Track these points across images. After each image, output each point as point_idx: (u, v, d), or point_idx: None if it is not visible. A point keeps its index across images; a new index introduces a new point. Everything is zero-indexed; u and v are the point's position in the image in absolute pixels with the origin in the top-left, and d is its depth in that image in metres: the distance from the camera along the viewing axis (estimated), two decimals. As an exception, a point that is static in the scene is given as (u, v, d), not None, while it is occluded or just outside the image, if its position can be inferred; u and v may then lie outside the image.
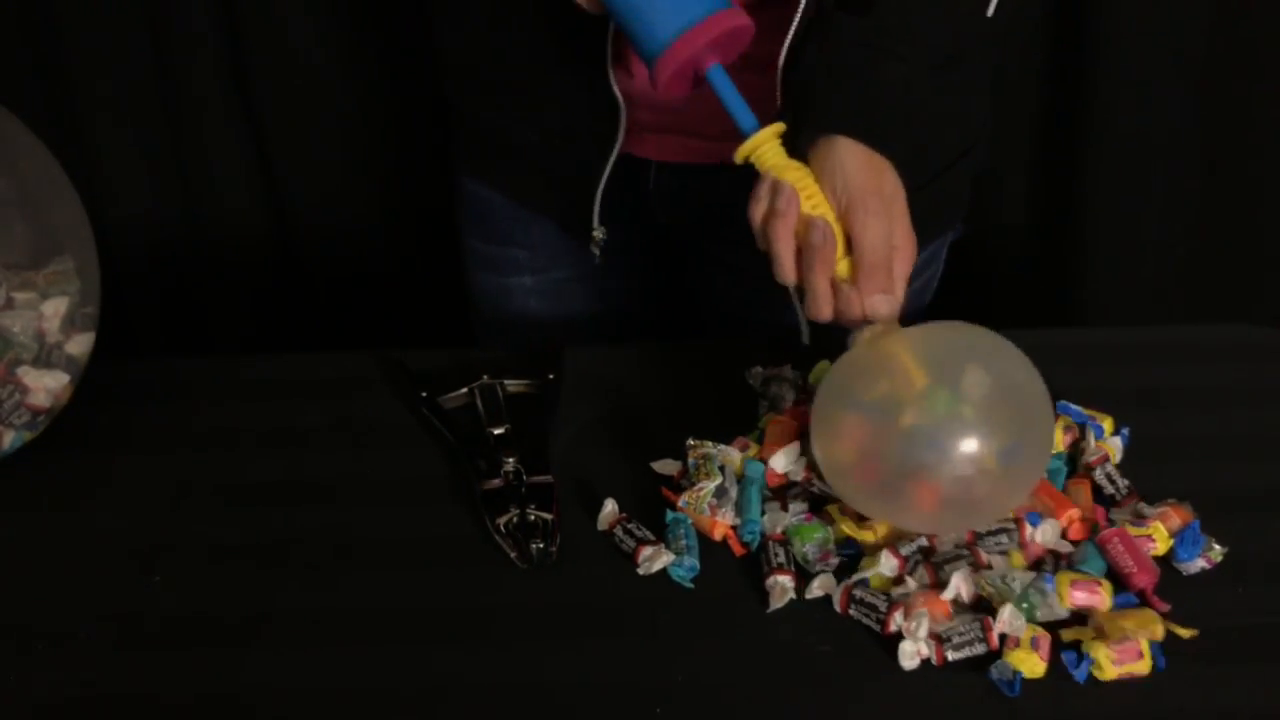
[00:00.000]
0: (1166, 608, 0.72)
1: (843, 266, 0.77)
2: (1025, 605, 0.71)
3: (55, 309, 0.83)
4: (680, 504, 0.79)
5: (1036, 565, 0.75)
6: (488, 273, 1.12)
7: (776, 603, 0.74)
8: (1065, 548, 0.76)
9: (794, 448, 0.81)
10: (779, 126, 0.79)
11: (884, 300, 0.76)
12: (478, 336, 1.18)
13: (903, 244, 0.78)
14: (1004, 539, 0.75)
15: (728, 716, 0.68)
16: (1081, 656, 0.68)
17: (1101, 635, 0.69)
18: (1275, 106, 1.33)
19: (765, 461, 0.81)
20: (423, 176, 1.36)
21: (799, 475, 0.81)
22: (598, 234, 1.00)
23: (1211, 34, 1.29)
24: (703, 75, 0.79)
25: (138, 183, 1.35)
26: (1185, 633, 0.70)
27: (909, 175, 0.80)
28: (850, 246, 0.76)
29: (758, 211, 0.78)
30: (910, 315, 0.81)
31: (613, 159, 0.95)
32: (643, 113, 0.95)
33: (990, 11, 0.86)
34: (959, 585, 0.72)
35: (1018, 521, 0.75)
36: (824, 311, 0.77)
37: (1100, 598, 0.71)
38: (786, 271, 0.77)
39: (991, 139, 1.06)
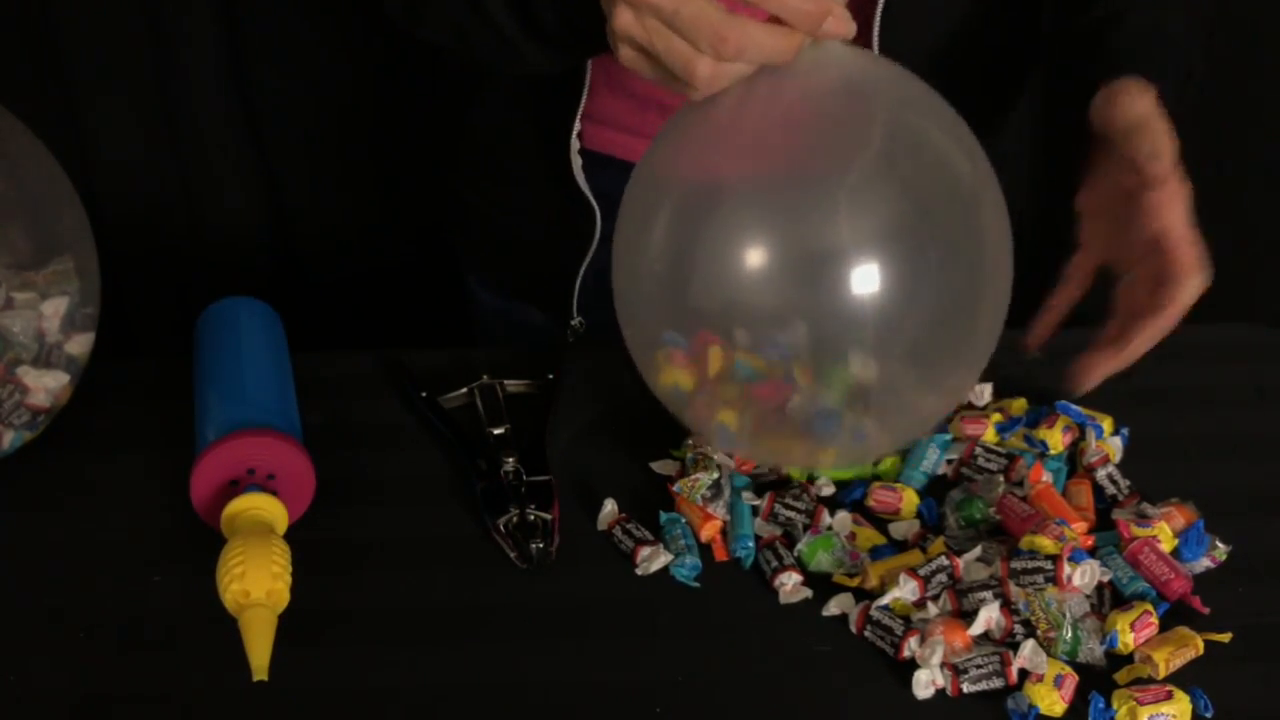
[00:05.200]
0: (1207, 611, 0.72)
1: None
2: (1070, 636, 0.69)
3: (55, 309, 0.83)
4: (674, 489, 0.79)
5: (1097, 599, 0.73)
6: (493, 296, 1.12)
7: (789, 599, 0.74)
8: (1105, 575, 0.73)
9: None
10: None
11: None
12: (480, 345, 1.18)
13: None
14: (1039, 578, 0.71)
15: (728, 716, 0.68)
16: (1109, 708, 0.66)
17: (1155, 672, 0.68)
18: (1275, 106, 1.33)
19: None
20: (422, 176, 1.36)
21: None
22: (575, 323, 1.02)
23: (1211, 34, 1.29)
24: None
25: (138, 183, 1.35)
26: (1222, 637, 0.70)
27: None
28: None
29: None
30: None
31: (589, 259, 0.98)
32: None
33: None
34: (988, 619, 0.70)
35: (1056, 559, 0.72)
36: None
37: (1155, 626, 0.70)
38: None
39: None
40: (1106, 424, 0.85)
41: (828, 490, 0.81)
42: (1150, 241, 0.79)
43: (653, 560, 0.76)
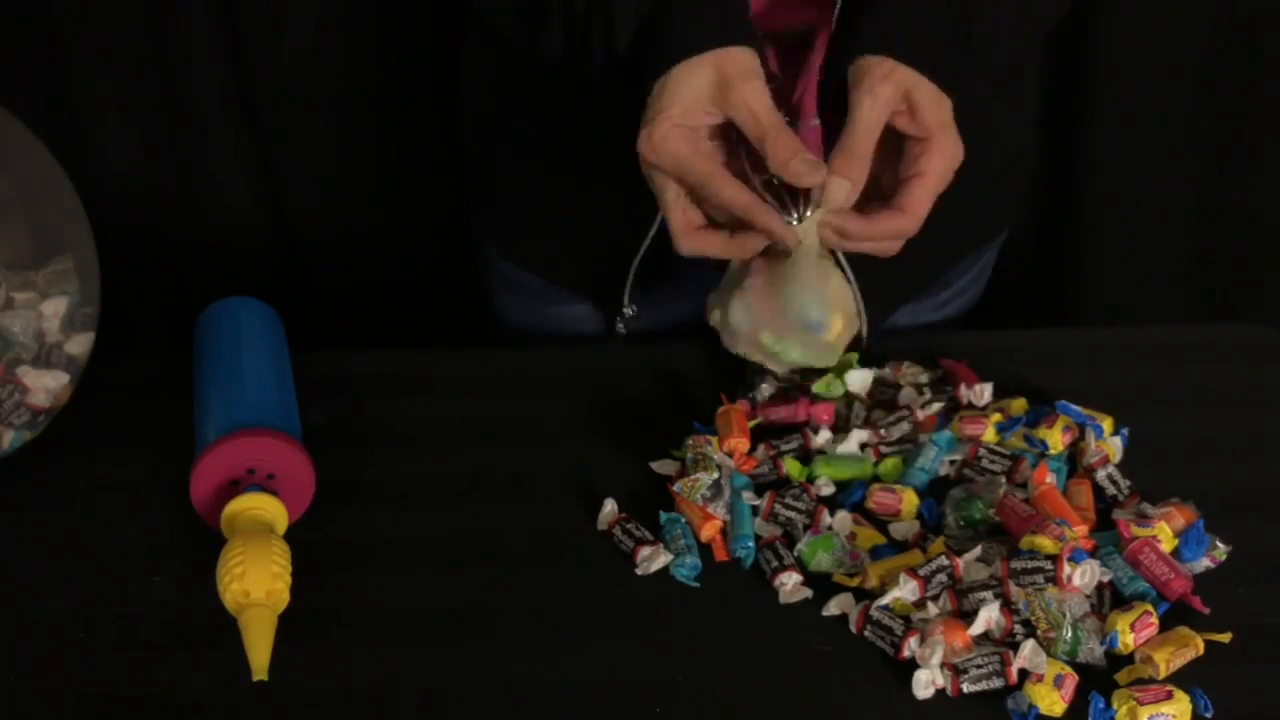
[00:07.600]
0: (1207, 611, 0.72)
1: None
2: (1070, 636, 0.69)
3: (55, 309, 0.83)
4: (674, 489, 0.79)
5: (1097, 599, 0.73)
6: (522, 301, 1.09)
7: (790, 599, 0.74)
8: (1105, 575, 0.73)
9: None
10: None
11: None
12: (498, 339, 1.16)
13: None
14: (1039, 578, 0.71)
15: (728, 716, 0.68)
16: (1109, 708, 0.66)
17: (1156, 672, 0.68)
18: (1275, 106, 1.33)
19: (723, 449, 0.82)
20: (425, 175, 1.36)
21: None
22: (628, 311, 0.99)
23: (1211, 34, 1.29)
24: None
25: (138, 183, 1.35)
26: (1222, 637, 0.70)
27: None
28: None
29: None
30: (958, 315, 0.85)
31: (648, 240, 0.93)
32: None
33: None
34: (988, 619, 0.70)
35: (1056, 559, 0.72)
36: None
37: (1155, 626, 0.70)
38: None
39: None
40: (1106, 424, 0.85)
41: (828, 490, 0.82)
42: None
43: (653, 560, 0.76)
